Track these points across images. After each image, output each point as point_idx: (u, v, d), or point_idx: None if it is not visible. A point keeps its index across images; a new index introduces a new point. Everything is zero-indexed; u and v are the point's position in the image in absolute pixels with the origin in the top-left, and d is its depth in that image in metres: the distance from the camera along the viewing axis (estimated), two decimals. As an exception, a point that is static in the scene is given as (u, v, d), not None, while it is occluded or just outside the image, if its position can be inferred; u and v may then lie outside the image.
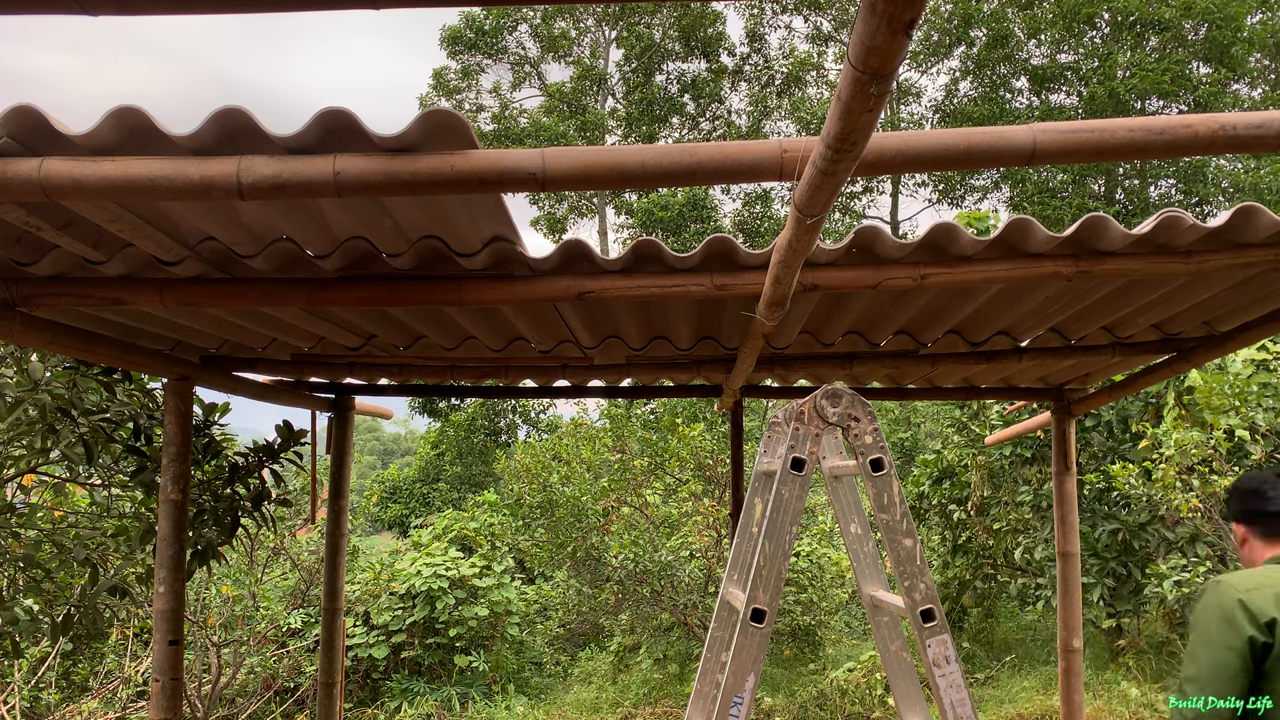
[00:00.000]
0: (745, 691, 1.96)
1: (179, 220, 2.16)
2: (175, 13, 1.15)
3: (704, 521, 9.81)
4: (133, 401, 3.91)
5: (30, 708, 5.85)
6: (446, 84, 24.98)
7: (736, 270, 2.53)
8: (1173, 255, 2.46)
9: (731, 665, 1.97)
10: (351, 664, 9.04)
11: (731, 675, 1.97)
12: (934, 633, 2.00)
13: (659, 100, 24.02)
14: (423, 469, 20.73)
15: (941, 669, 1.99)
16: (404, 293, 2.49)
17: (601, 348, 3.67)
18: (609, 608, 9.94)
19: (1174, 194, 20.63)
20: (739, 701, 1.96)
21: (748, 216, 23.41)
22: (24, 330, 2.58)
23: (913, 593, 2.01)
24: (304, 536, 9.09)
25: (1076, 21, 20.42)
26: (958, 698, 1.98)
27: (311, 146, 1.69)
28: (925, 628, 2.00)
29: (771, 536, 2.01)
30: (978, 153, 1.57)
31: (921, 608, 2.01)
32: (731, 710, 1.95)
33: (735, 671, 1.97)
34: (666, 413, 12.67)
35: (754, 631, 1.99)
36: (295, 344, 3.61)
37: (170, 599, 3.40)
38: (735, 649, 1.98)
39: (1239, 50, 19.66)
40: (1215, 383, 5.92)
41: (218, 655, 7.19)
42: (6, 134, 1.65)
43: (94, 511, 4.48)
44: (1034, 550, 8.59)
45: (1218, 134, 1.57)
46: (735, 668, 1.97)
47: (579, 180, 1.67)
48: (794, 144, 1.59)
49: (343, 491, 4.86)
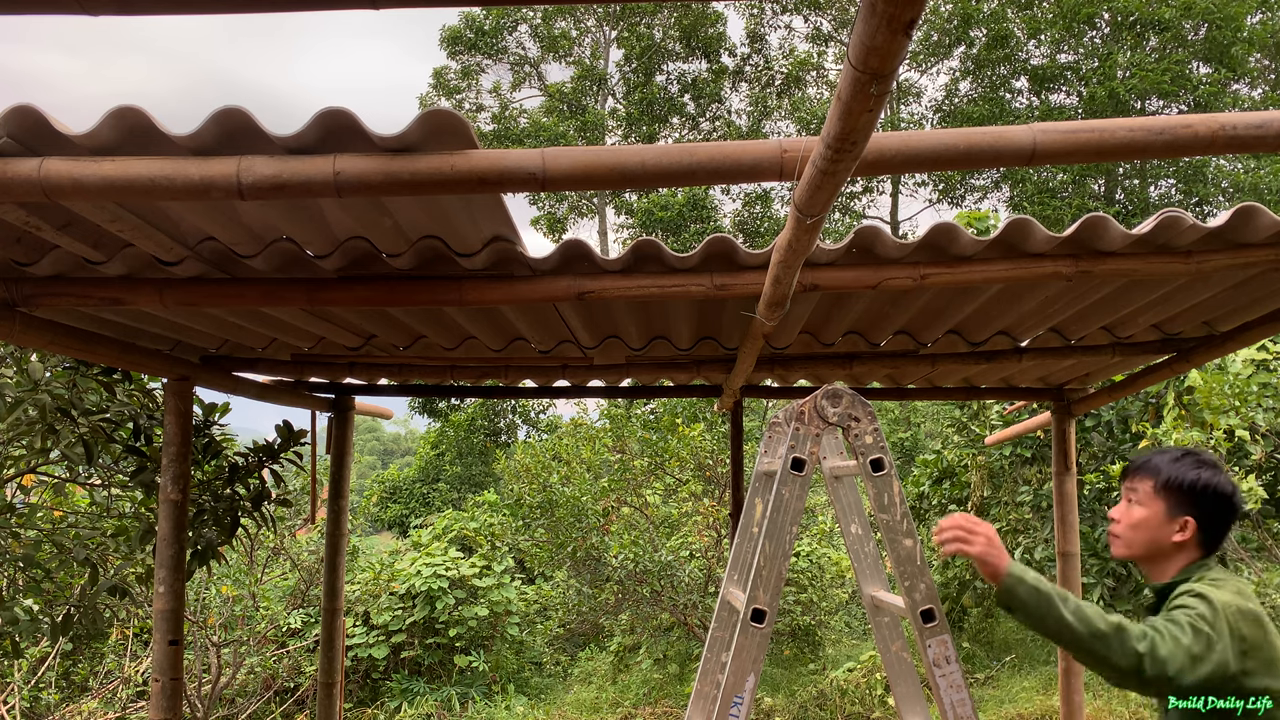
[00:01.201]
0: (745, 691, 1.97)
1: (179, 220, 2.16)
2: (175, 13, 1.15)
3: (704, 521, 9.81)
4: (133, 401, 3.91)
5: (30, 708, 5.85)
6: (446, 84, 24.99)
7: (736, 270, 2.53)
8: (1173, 255, 2.46)
9: (732, 665, 1.97)
10: (351, 664, 9.04)
11: (732, 675, 1.97)
12: (934, 633, 2.01)
13: (659, 100, 24.03)
14: (423, 469, 20.74)
15: (942, 669, 1.99)
16: (404, 293, 2.49)
17: (601, 348, 3.67)
18: (609, 608, 9.94)
19: (1174, 194, 20.63)
20: (739, 701, 1.96)
21: (748, 216, 23.42)
22: (24, 330, 2.58)
23: (913, 593, 2.01)
24: (304, 536, 9.09)
25: (1076, 21, 20.43)
26: (958, 698, 1.98)
27: (311, 146, 1.69)
28: (925, 628, 2.00)
29: (772, 536, 2.01)
30: (978, 153, 1.57)
31: (922, 608, 2.01)
32: (732, 710, 1.96)
33: (735, 671, 1.97)
34: (666, 413, 12.67)
35: (754, 631, 1.99)
36: (295, 344, 3.61)
37: (170, 599, 3.40)
38: (735, 649, 1.98)
39: (1239, 50, 19.66)
40: (1215, 383, 5.92)
41: (218, 655, 7.19)
42: (6, 134, 1.65)
43: (94, 511, 4.48)
44: (1034, 550, 8.59)
45: (1218, 134, 1.57)
46: (735, 667, 1.97)
47: (579, 180, 1.67)
48: (794, 144, 1.59)
49: (343, 491, 4.86)
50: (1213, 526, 2.11)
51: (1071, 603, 1.85)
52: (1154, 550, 2.13)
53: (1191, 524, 2.09)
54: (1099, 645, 1.81)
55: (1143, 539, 2.13)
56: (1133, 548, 2.16)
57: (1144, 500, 2.14)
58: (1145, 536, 2.13)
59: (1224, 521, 2.12)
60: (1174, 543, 2.10)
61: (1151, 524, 2.12)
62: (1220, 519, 2.11)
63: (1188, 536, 2.09)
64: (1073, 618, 1.83)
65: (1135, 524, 2.14)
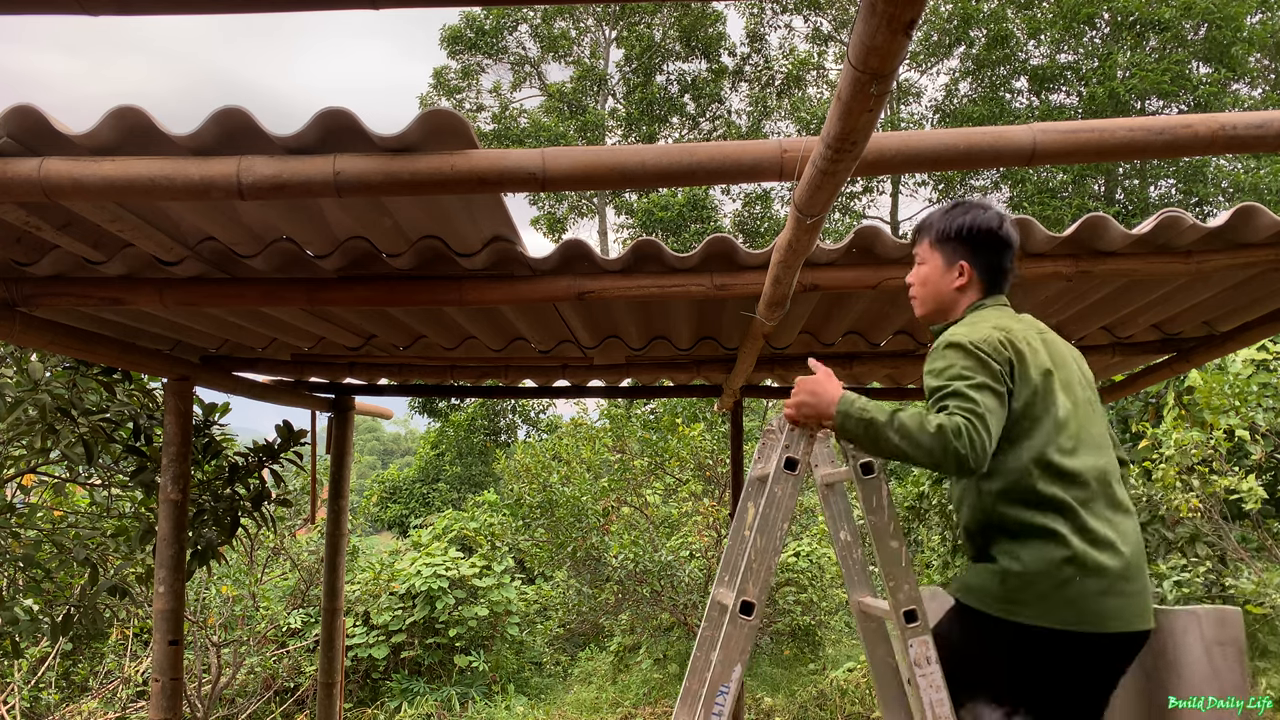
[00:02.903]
0: (732, 682, 1.99)
1: (179, 220, 2.16)
2: (175, 13, 1.15)
3: (704, 521, 9.81)
4: (133, 401, 3.91)
5: (30, 708, 5.85)
6: (446, 84, 24.97)
7: (736, 270, 2.53)
8: (1173, 255, 2.47)
9: (719, 655, 2.00)
10: (351, 664, 9.03)
11: (719, 665, 2.00)
12: (916, 633, 2.04)
13: (659, 100, 24.01)
14: (422, 469, 20.74)
15: (923, 669, 2.03)
16: (404, 293, 2.49)
17: (601, 348, 3.67)
18: (609, 608, 9.94)
19: (1174, 194, 20.63)
20: (725, 691, 1.99)
21: (748, 216, 23.41)
22: (24, 330, 2.58)
23: (897, 593, 2.06)
24: (304, 536, 9.08)
25: (1076, 21, 20.42)
26: (937, 698, 2.01)
27: (311, 146, 1.69)
28: (908, 628, 2.04)
29: (764, 531, 2.04)
30: (978, 153, 1.57)
31: (904, 608, 2.05)
32: (717, 699, 1.98)
33: (722, 661, 2.00)
34: (666, 413, 12.67)
35: (742, 623, 2.02)
36: (295, 344, 3.61)
37: (170, 599, 3.40)
38: (723, 639, 2.02)
39: (1239, 50, 19.66)
40: (1215, 383, 5.92)
41: (218, 655, 7.19)
42: (6, 134, 1.65)
43: (94, 511, 4.48)
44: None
45: (1218, 134, 1.57)
46: (723, 658, 2.01)
47: (579, 180, 1.67)
48: (794, 144, 1.59)
49: (343, 491, 4.86)
50: (987, 264, 2.17)
51: (896, 422, 1.91)
52: (942, 301, 2.21)
53: (966, 268, 2.17)
54: (927, 458, 1.88)
55: (930, 293, 2.22)
56: (926, 304, 2.24)
57: (925, 257, 2.23)
58: (932, 290, 2.22)
59: (996, 256, 2.17)
60: (955, 289, 2.18)
61: (934, 277, 2.20)
62: (992, 254, 2.17)
63: (966, 280, 2.17)
64: (898, 438, 1.89)
65: (923, 280, 2.23)
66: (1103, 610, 1.95)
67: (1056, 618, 1.95)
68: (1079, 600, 1.95)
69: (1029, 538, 1.99)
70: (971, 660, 2.06)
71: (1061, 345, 2.17)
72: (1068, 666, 2.00)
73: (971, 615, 2.04)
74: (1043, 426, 2.00)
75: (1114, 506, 2.04)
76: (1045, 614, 1.96)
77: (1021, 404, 2.00)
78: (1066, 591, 1.95)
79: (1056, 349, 2.13)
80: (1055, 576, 1.96)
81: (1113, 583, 1.96)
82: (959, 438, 1.84)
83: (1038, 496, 1.98)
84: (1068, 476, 1.99)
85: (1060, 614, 1.95)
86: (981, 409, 1.89)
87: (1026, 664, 2.00)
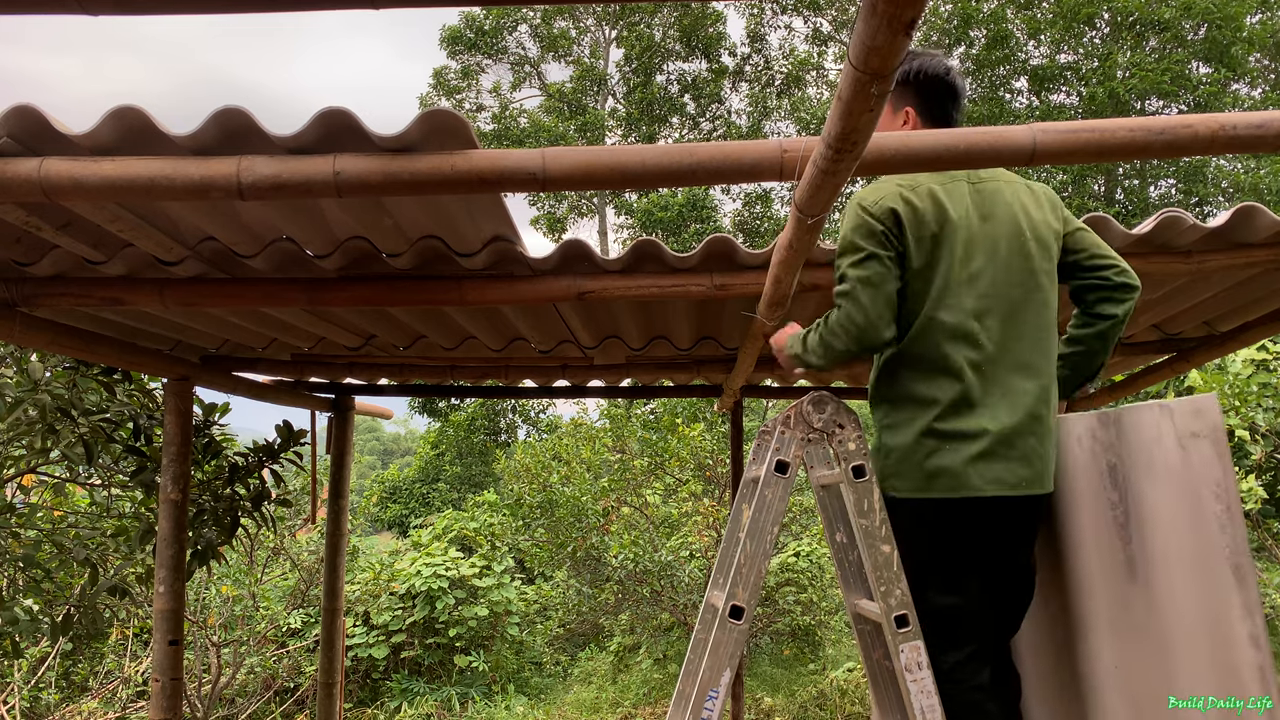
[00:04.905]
0: (721, 686, 2.00)
1: (179, 220, 2.16)
2: (175, 13, 1.15)
3: (704, 521, 9.80)
4: (133, 401, 3.91)
5: (30, 708, 5.85)
6: (446, 84, 24.96)
7: (736, 270, 2.53)
8: (1173, 255, 2.47)
9: (708, 660, 2.00)
10: (351, 664, 9.03)
11: (708, 670, 2.00)
12: (907, 638, 2.03)
13: (659, 100, 24.01)
14: (422, 469, 20.73)
15: (913, 674, 2.02)
16: (404, 293, 2.49)
17: (601, 348, 3.67)
18: (609, 608, 9.94)
19: (1174, 194, 20.63)
20: (714, 695, 1.99)
21: (748, 216, 23.40)
22: (24, 330, 2.58)
23: (888, 598, 2.04)
24: (304, 536, 9.08)
25: (1076, 22, 20.42)
26: (928, 704, 2.00)
27: (311, 146, 1.69)
28: (899, 633, 2.03)
29: (754, 536, 2.04)
30: (978, 153, 1.57)
31: (895, 613, 2.04)
32: (706, 704, 1.98)
33: (712, 667, 2.00)
34: (666, 413, 12.66)
35: (731, 628, 2.02)
36: (295, 344, 3.61)
37: (170, 599, 3.40)
38: (713, 644, 2.02)
39: (1239, 50, 19.65)
40: (1215, 383, 5.92)
41: (218, 655, 7.19)
42: (6, 134, 1.65)
43: (94, 511, 4.48)
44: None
45: (1218, 134, 1.57)
46: (712, 663, 2.01)
47: (579, 180, 1.67)
48: (794, 144, 1.59)
49: (343, 491, 4.86)
50: (930, 108, 2.16)
51: (810, 337, 2.07)
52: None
53: (912, 114, 2.16)
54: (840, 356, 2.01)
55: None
56: None
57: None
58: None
59: (939, 100, 2.16)
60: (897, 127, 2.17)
61: (882, 124, 2.18)
62: (935, 98, 2.16)
63: (911, 127, 2.15)
64: (816, 358, 2.08)
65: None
66: (979, 474, 1.94)
67: (926, 487, 1.97)
68: (950, 467, 1.95)
69: (904, 405, 2.02)
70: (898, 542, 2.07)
71: (1006, 197, 2.07)
72: (949, 536, 2.00)
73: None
74: (934, 285, 1.98)
75: (1016, 369, 2.00)
76: (917, 486, 1.98)
77: (919, 263, 1.98)
78: (935, 460, 1.96)
79: (992, 201, 2.05)
80: (924, 446, 1.97)
81: (991, 446, 1.94)
82: (835, 335, 1.97)
83: (923, 360, 1.99)
84: (960, 335, 1.97)
85: (930, 483, 1.97)
86: (855, 291, 1.96)
87: (914, 538, 2.02)
